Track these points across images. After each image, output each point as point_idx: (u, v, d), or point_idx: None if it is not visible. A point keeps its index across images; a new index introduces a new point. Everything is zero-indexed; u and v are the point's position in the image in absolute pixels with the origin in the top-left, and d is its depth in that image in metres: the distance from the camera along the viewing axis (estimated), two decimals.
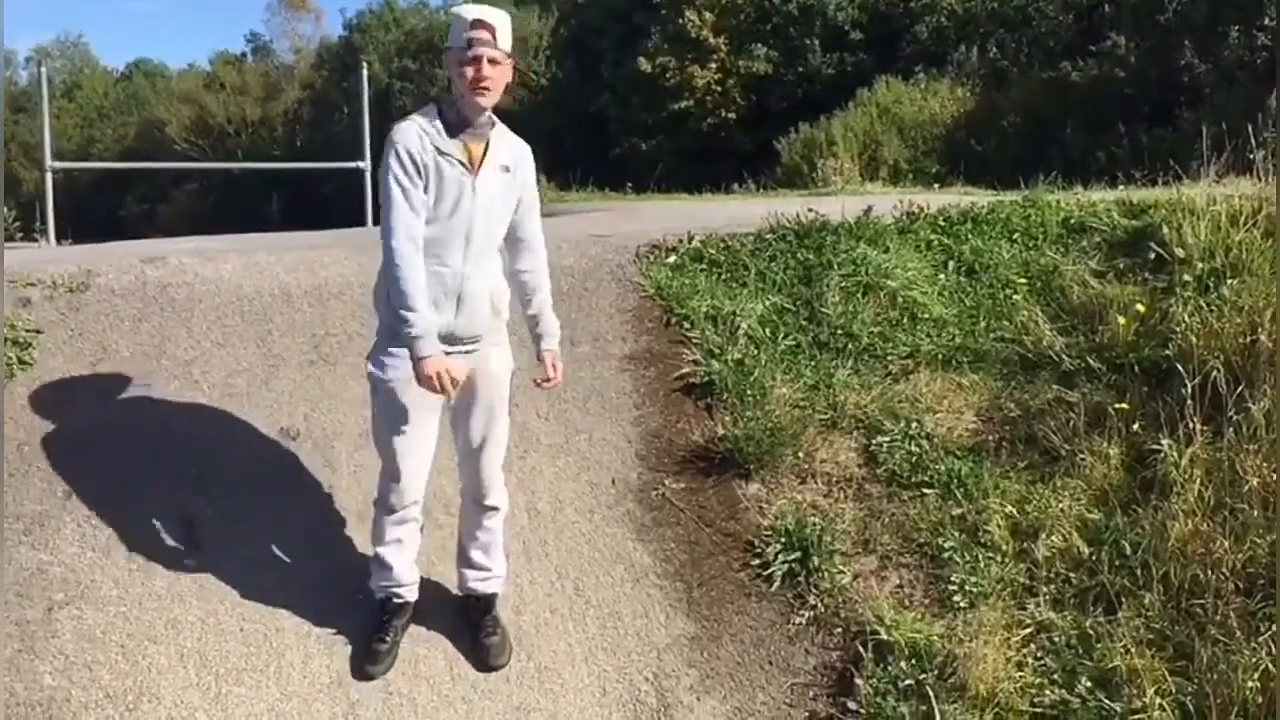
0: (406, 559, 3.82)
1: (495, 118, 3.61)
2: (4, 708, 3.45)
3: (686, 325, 5.18)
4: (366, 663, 3.78)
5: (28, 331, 4.37)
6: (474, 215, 3.55)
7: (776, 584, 4.31)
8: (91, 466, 4.09)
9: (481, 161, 3.55)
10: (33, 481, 3.99)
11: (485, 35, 3.46)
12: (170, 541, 3.95)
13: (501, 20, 3.51)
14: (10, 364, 4.24)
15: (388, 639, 3.82)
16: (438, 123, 3.53)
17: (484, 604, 3.96)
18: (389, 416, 3.66)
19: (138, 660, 3.64)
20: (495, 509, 3.87)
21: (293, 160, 36.13)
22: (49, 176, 9.63)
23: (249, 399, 4.46)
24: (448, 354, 3.53)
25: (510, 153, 3.65)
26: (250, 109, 50.20)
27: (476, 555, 3.91)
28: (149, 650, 3.67)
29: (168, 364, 4.48)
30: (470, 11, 3.48)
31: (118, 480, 4.07)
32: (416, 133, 3.49)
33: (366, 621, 3.85)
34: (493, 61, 3.47)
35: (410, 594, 3.86)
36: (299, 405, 4.47)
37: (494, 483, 3.84)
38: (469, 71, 3.46)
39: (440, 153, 3.50)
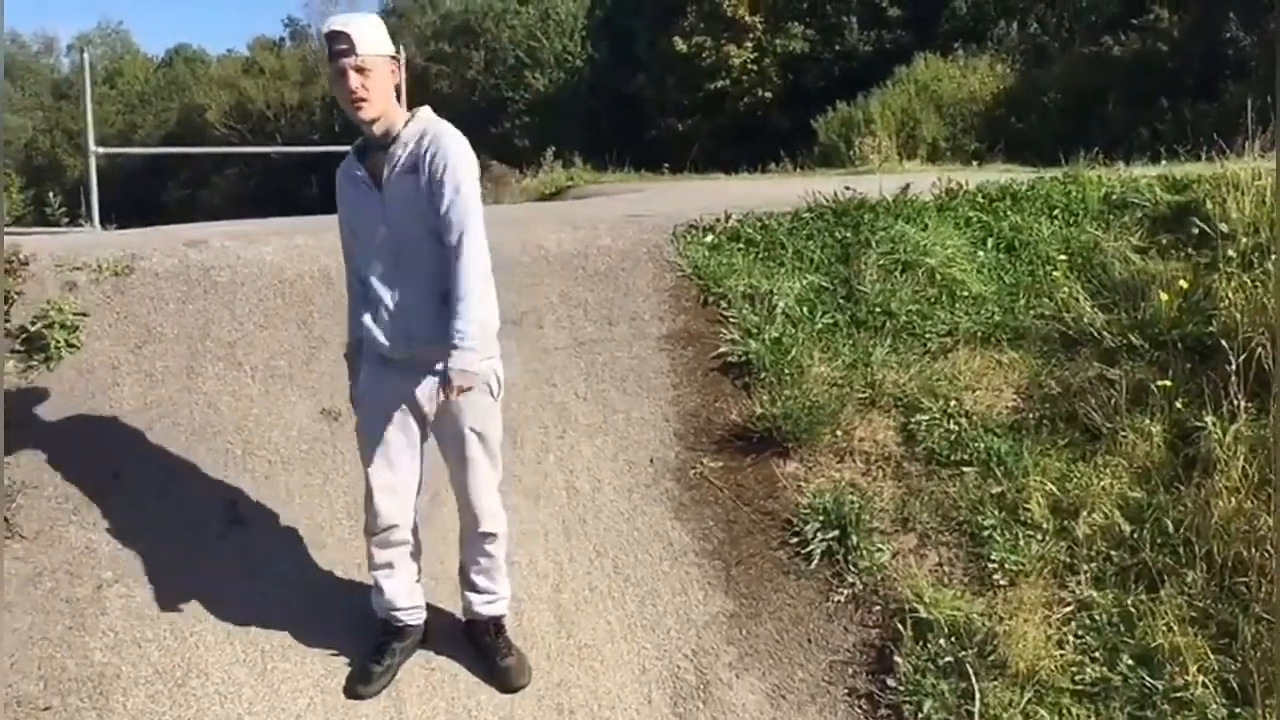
0: (400, 584, 3.70)
1: (408, 115, 3.45)
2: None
3: (724, 304, 5.18)
4: (359, 683, 3.67)
5: (74, 315, 4.44)
6: (389, 231, 3.43)
7: (815, 562, 4.31)
8: (138, 446, 4.16)
9: (384, 174, 3.42)
10: (81, 462, 4.07)
11: (342, 46, 3.29)
12: (215, 520, 4.02)
13: (359, 24, 3.33)
14: (58, 346, 4.31)
15: (384, 661, 3.70)
16: (352, 150, 3.53)
17: (493, 626, 3.81)
18: (359, 437, 3.64)
19: (185, 637, 3.70)
20: (492, 534, 3.69)
21: (331, 144, 36.29)
22: (93, 161, 9.73)
23: (291, 380, 4.51)
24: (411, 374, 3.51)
25: (415, 153, 3.39)
26: (289, 94, 50.44)
27: (480, 579, 3.76)
28: (196, 627, 3.73)
29: (211, 345, 4.54)
30: (328, 25, 3.35)
31: (164, 460, 4.14)
32: (340, 167, 3.54)
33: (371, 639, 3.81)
34: (359, 70, 3.29)
35: (409, 618, 3.75)
36: (340, 386, 4.48)
37: (484, 509, 3.64)
38: (340, 88, 3.35)
39: (350, 178, 3.50)
